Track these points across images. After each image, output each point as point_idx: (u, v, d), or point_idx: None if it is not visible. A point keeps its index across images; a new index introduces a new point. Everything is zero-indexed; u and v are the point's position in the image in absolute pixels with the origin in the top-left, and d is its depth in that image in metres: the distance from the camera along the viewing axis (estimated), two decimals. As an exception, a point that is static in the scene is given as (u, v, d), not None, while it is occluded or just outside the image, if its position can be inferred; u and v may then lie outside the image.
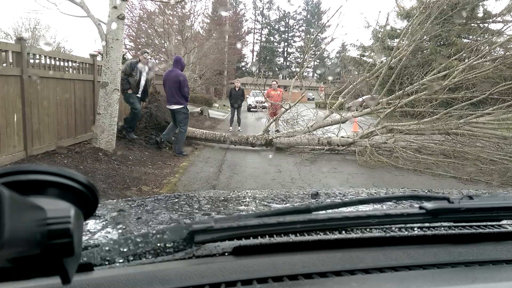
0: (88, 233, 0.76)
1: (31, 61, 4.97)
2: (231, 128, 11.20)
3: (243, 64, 50.59)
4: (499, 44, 7.52)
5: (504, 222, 0.76)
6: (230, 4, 35.89)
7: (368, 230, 0.72)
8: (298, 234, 0.67)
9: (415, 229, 0.72)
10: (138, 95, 6.67)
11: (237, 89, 11.17)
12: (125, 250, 0.58)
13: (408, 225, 0.72)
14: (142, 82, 6.67)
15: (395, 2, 18.23)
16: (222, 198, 1.17)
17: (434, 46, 16.48)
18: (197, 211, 1.00)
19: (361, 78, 8.40)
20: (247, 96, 16.84)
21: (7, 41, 10.16)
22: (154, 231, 0.60)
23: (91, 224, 0.83)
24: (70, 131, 6.00)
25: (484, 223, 0.75)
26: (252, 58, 53.95)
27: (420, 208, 0.63)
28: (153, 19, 15.32)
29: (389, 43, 18.37)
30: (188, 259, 0.61)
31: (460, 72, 7.09)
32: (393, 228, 0.72)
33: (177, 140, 6.63)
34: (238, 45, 33.53)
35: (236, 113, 11.25)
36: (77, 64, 6.33)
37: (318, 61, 44.86)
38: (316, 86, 27.42)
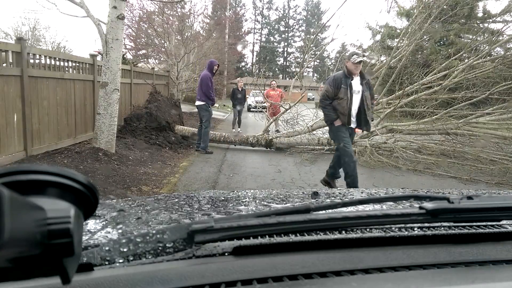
0: (88, 233, 0.76)
1: (31, 61, 4.97)
2: (234, 130, 10.88)
3: (243, 64, 50.58)
4: (499, 44, 7.52)
5: (504, 222, 0.76)
6: (230, 4, 35.84)
7: (368, 230, 0.72)
8: (298, 234, 0.67)
9: (415, 229, 0.72)
10: (351, 125, 4.08)
11: (240, 89, 11.05)
12: (125, 250, 0.58)
13: (408, 225, 0.72)
14: (355, 105, 4.02)
15: (394, 1, 18.21)
16: (222, 198, 1.16)
17: (434, 45, 16.48)
18: (197, 211, 1.00)
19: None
20: (247, 96, 16.82)
21: (7, 41, 10.18)
22: (154, 231, 0.60)
23: (91, 224, 0.83)
24: (70, 131, 6.00)
25: (484, 223, 0.75)
26: (252, 58, 54.02)
27: (420, 208, 0.63)
28: (153, 19, 15.28)
29: (389, 43, 18.36)
30: (188, 259, 0.61)
31: (460, 72, 7.09)
32: (393, 228, 0.72)
33: (201, 137, 6.92)
34: (239, 47, 33.37)
35: (238, 114, 11.13)
36: (77, 64, 6.33)
37: (318, 61, 44.87)
38: (316, 86, 27.41)
